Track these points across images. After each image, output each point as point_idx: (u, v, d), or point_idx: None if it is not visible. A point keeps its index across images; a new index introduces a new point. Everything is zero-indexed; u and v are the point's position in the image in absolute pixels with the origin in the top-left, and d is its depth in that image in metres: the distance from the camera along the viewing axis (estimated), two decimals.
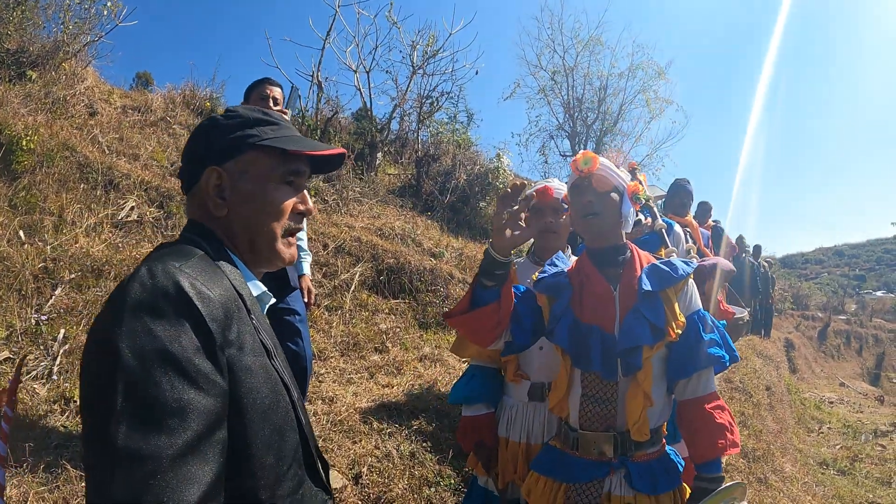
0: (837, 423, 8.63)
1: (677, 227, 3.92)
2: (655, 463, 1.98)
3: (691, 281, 2.04)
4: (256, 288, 1.16)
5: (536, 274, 2.16)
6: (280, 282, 3.10)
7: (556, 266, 2.14)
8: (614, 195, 2.00)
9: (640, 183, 2.11)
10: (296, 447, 1.10)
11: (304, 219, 1.23)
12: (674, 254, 2.90)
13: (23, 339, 3.61)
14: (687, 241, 4.09)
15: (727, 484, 1.88)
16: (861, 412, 9.71)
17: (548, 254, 2.55)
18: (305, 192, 1.23)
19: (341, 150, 1.25)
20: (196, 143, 1.18)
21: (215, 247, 1.11)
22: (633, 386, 1.92)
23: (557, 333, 2.00)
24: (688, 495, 1.97)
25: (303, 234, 3.45)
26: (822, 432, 8.15)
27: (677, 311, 1.96)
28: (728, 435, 1.92)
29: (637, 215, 2.13)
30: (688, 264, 2.04)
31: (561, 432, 2.10)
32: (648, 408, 1.92)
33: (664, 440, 2.07)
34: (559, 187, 2.57)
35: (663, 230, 3.12)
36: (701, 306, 2.04)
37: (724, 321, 2.94)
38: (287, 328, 3.13)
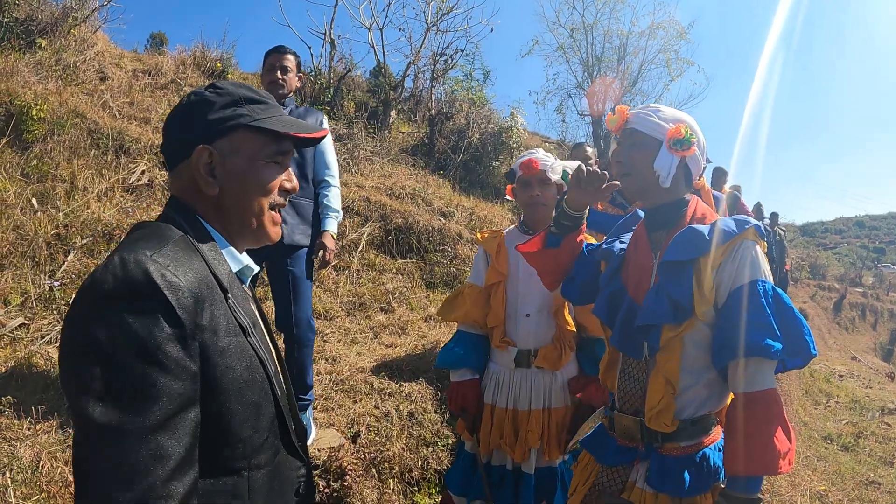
0: (846, 397, 8.47)
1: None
2: (686, 460, 1.74)
3: (745, 245, 1.68)
4: (237, 263, 1.21)
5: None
6: (285, 248, 3.11)
7: (630, 230, 2.00)
8: (644, 151, 1.79)
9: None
10: (272, 419, 1.16)
11: (290, 195, 1.28)
12: None
13: (37, 305, 3.77)
14: None
15: None
16: (870, 388, 9.52)
17: (537, 225, 2.58)
18: (290, 169, 1.27)
19: (324, 132, 1.31)
20: (184, 120, 1.18)
21: (193, 224, 1.15)
22: (655, 368, 1.75)
23: (597, 303, 1.93)
24: None
25: (330, 192, 3.33)
26: (830, 406, 8.02)
27: (707, 284, 1.68)
28: (764, 452, 1.56)
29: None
30: (737, 223, 1.71)
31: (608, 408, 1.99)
32: (674, 395, 1.72)
33: (709, 434, 1.79)
34: (544, 159, 2.57)
35: None
36: (762, 276, 1.66)
37: None
38: (281, 290, 3.21)
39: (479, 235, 2.80)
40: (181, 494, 0.93)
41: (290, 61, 3.36)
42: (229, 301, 1.12)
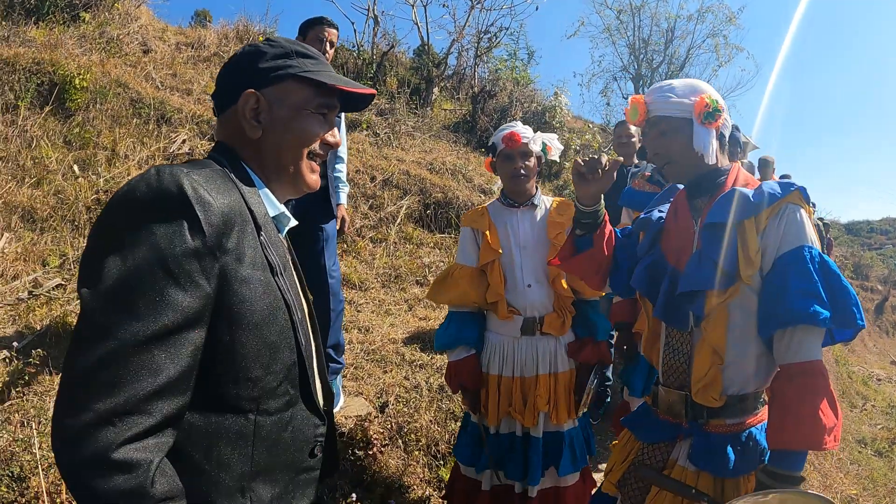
0: (883, 401, 8.16)
1: None
2: (731, 438, 1.67)
3: (791, 208, 1.60)
4: (274, 209, 1.20)
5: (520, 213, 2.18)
6: (324, 206, 3.22)
7: (668, 201, 1.94)
8: (678, 135, 1.71)
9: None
10: (290, 366, 1.12)
11: (331, 150, 1.29)
12: None
13: (74, 267, 3.81)
14: None
15: (796, 489, 1.46)
16: None
17: (519, 196, 2.62)
18: (335, 127, 1.28)
19: (372, 90, 1.32)
20: (236, 68, 1.22)
21: (235, 166, 1.16)
22: (700, 338, 1.67)
23: (635, 274, 1.85)
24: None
25: (342, 167, 3.47)
26: (866, 409, 7.73)
27: (752, 247, 1.59)
28: (808, 426, 1.46)
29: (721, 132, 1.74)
30: (782, 186, 1.63)
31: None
32: (721, 367, 1.64)
33: (756, 413, 1.71)
34: (524, 132, 2.55)
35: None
36: (808, 241, 1.57)
37: None
38: (313, 248, 3.20)
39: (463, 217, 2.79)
40: (163, 415, 0.88)
41: (336, 36, 3.38)
42: (261, 237, 1.10)
